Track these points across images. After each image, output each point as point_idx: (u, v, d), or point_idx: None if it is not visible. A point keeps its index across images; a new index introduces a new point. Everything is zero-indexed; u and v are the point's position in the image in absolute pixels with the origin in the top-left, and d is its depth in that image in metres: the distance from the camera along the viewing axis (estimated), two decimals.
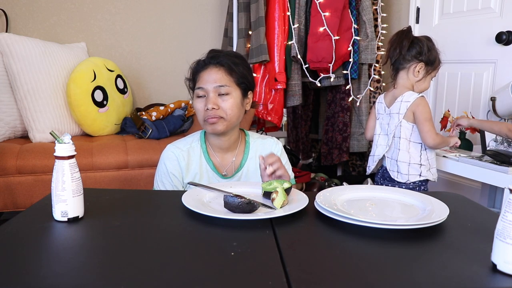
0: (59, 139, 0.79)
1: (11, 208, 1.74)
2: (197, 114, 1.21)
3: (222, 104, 1.18)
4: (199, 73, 1.21)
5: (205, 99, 1.18)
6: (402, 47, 1.57)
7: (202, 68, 1.21)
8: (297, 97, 2.24)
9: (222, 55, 1.21)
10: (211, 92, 1.17)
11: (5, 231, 0.74)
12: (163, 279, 0.58)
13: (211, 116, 1.16)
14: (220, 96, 1.18)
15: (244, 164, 1.27)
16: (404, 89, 1.61)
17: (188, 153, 1.24)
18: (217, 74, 1.18)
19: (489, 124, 1.68)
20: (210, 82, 1.18)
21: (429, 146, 1.58)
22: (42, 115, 1.98)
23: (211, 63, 1.20)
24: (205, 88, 1.18)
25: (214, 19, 2.76)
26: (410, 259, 0.67)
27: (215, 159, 1.26)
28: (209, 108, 1.16)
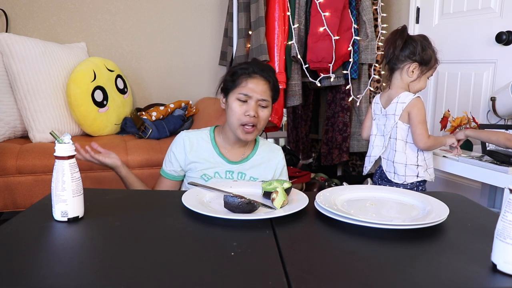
0: (59, 139, 0.79)
1: (11, 208, 1.74)
2: (233, 115, 1.27)
3: (260, 114, 1.27)
4: (245, 79, 1.27)
5: (246, 104, 1.26)
6: (396, 47, 1.56)
7: (250, 75, 1.27)
8: (297, 97, 2.24)
9: (268, 69, 1.31)
10: (253, 102, 1.26)
11: (5, 231, 0.74)
12: (163, 279, 0.58)
13: (249, 123, 1.25)
14: (259, 107, 1.27)
15: (251, 157, 1.35)
16: (399, 90, 1.61)
17: (195, 136, 1.34)
18: (263, 86, 1.27)
19: (486, 134, 1.66)
20: (256, 93, 1.26)
21: (420, 148, 1.57)
22: (42, 115, 1.98)
23: (260, 75, 1.28)
24: (251, 96, 1.25)
25: (214, 19, 2.76)
26: (410, 259, 0.67)
27: (224, 149, 1.34)
28: (250, 114, 1.24)
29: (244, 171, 1.33)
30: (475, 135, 1.69)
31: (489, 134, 1.64)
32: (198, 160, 1.31)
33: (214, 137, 1.36)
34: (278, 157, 1.40)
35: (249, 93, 1.25)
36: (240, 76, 1.28)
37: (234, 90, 1.28)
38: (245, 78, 1.28)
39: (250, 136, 1.28)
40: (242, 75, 1.28)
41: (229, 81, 1.31)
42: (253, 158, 1.35)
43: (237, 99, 1.27)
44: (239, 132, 1.27)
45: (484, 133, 1.69)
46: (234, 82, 1.29)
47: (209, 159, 1.32)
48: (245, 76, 1.28)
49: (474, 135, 1.69)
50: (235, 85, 1.29)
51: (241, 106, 1.26)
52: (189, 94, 2.70)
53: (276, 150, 1.41)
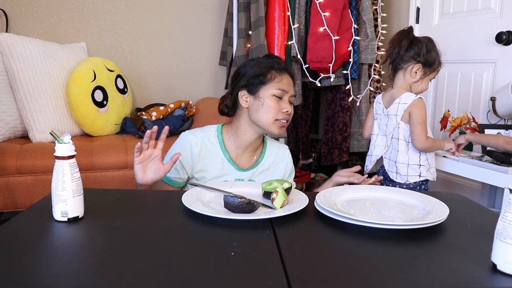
0: (59, 139, 0.79)
1: (11, 208, 1.74)
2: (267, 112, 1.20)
3: (290, 111, 1.25)
4: (279, 74, 1.23)
5: (281, 101, 1.22)
6: (401, 47, 1.57)
7: (281, 70, 1.24)
8: (297, 97, 2.24)
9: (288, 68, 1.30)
10: (287, 97, 1.24)
11: (5, 231, 0.74)
12: (163, 279, 0.58)
13: (286, 118, 1.23)
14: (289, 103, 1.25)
15: (260, 162, 1.31)
16: (401, 90, 1.61)
17: (202, 140, 1.24)
18: (291, 82, 1.26)
19: (486, 137, 1.67)
20: (291, 88, 1.25)
21: (418, 148, 1.58)
22: (42, 115, 1.98)
23: (287, 72, 1.26)
24: (288, 91, 1.23)
25: (214, 19, 2.76)
26: (410, 259, 0.67)
27: (234, 153, 1.27)
28: (288, 111, 1.22)
29: (254, 177, 1.27)
30: (475, 139, 1.70)
31: (488, 138, 1.65)
32: (206, 169, 1.22)
33: (223, 140, 1.27)
34: (286, 159, 1.36)
35: (287, 89, 1.22)
36: (271, 71, 1.22)
37: (267, 85, 1.21)
38: (278, 74, 1.22)
39: (283, 130, 1.25)
40: (273, 69, 1.23)
41: (257, 75, 1.22)
42: (262, 162, 1.31)
43: (273, 95, 1.21)
44: (273, 128, 1.22)
45: (483, 137, 1.70)
46: (265, 77, 1.22)
47: (218, 167, 1.23)
48: (277, 71, 1.23)
49: (474, 139, 1.70)
50: (268, 80, 1.21)
51: (278, 103, 1.21)
52: (189, 94, 2.70)
53: (282, 151, 1.37)
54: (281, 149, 1.37)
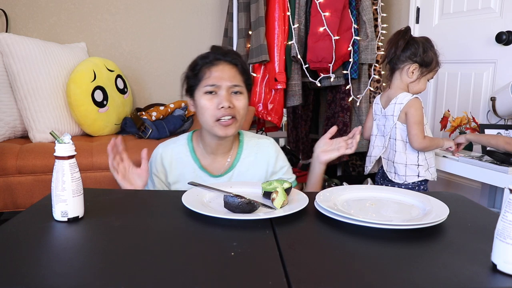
0: (59, 139, 0.79)
1: (11, 208, 1.74)
2: (204, 113, 1.11)
3: (236, 103, 1.11)
4: (208, 68, 1.12)
5: (216, 96, 1.10)
6: (398, 47, 1.57)
7: (212, 63, 1.12)
8: (297, 97, 2.24)
9: (232, 53, 1.16)
10: (224, 90, 1.10)
11: (5, 231, 0.74)
12: (163, 279, 0.58)
13: (226, 114, 1.09)
14: (232, 95, 1.12)
15: (236, 164, 1.21)
16: (398, 90, 1.61)
17: (172, 151, 1.20)
18: (230, 71, 1.12)
19: (486, 138, 1.67)
20: (224, 80, 1.10)
21: (415, 148, 1.58)
22: (42, 115, 1.98)
23: (224, 60, 1.13)
24: (219, 85, 1.10)
25: (214, 19, 2.76)
26: (410, 259, 0.67)
27: (206, 160, 1.21)
28: (224, 106, 1.08)
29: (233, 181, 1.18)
30: (476, 139, 1.70)
31: (488, 138, 1.65)
32: (179, 180, 1.18)
33: (193, 147, 1.20)
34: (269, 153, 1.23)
35: (217, 83, 1.09)
36: (202, 67, 1.12)
37: (199, 85, 1.12)
38: (207, 68, 1.11)
39: (230, 129, 1.11)
40: (204, 65, 1.12)
41: (191, 76, 1.15)
42: (238, 165, 1.20)
43: (204, 93, 1.10)
44: (216, 130, 1.10)
45: (484, 137, 1.69)
46: (196, 76, 1.13)
47: (191, 176, 1.17)
48: (207, 65, 1.12)
49: (475, 139, 1.70)
50: (199, 79, 1.12)
51: (211, 100, 1.09)
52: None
53: (264, 147, 1.23)
54: (262, 146, 1.23)
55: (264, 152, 1.24)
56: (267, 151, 1.24)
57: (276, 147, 1.26)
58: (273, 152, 1.24)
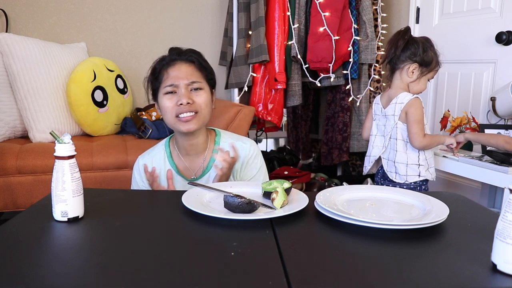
0: (59, 139, 0.79)
1: (11, 208, 1.74)
2: (166, 113, 1.13)
3: (195, 99, 1.12)
4: (166, 70, 1.14)
5: (175, 95, 1.12)
6: (397, 47, 1.57)
7: (169, 64, 1.14)
8: (297, 97, 2.24)
9: (189, 52, 1.17)
10: (182, 88, 1.11)
11: (5, 231, 0.74)
12: (163, 279, 0.58)
13: (185, 111, 1.10)
14: (192, 92, 1.12)
15: (212, 166, 1.19)
16: (399, 90, 1.61)
17: (153, 159, 1.21)
18: (187, 69, 1.13)
19: (486, 137, 1.66)
20: (181, 78, 1.11)
21: (416, 147, 1.58)
22: (42, 115, 1.98)
23: (180, 59, 1.15)
24: (176, 84, 1.11)
25: (214, 19, 2.76)
26: (410, 259, 0.67)
27: (182, 163, 1.20)
28: (183, 103, 1.09)
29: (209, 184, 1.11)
30: (475, 138, 1.69)
31: (488, 137, 1.65)
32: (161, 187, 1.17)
33: (170, 152, 1.21)
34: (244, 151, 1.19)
35: (174, 82, 1.11)
36: (161, 70, 1.14)
37: (160, 87, 1.14)
38: (165, 69, 1.13)
39: (192, 124, 1.10)
40: (162, 67, 1.14)
41: (152, 81, 1.17)
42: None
43: (164, 94, 1.12)
44: (178, 126, 1.11)
45: (483, 136, 1.69)
46: (157, 79, 1.15)
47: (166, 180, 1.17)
48: (165, 67, 1.14)
49: (474, 138, 1.69)
50: (159, 81, 1.14)
51: (171, 99, 1.11)
52: None
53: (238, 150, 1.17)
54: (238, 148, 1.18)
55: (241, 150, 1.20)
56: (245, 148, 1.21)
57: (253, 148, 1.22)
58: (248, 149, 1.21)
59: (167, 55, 1.18)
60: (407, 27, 1.61)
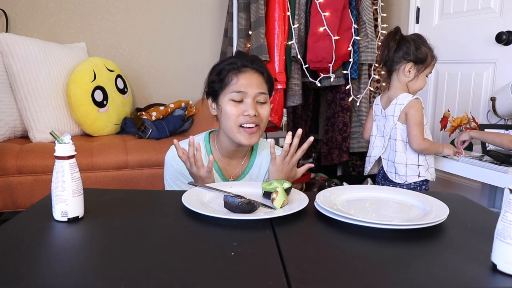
0: (59, 139, 0.79)
1: (11, 208, 1.74)
2: (229, 119, 1.11)
3: (260, 111, 1.12)
4: (235, 75, 1.12)
5: (242, 104, 1.10)
6: (390, 48, 1.57)
7: (239, 70, 1.12)
8: (297, 97, 2.24)
9: (257, 60, 1.16)
10: (250, 98, 1.10)
11: (5, 231, 0.74)
12: (163, 279, 0.58)
13: (250, 122, 1.09)
14: (258, 104, 1.12)
15: (249, 171, 1.23)
16: (398, 91, 1.61)
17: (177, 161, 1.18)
18: (257, 79, 1.12)
19: (491, 136, 1.63)
20: (252, 87, 1.10)
21: (414, 149, 1.58)
22: (42, 115, 1.98)
23: (252, 67, 1.13)
24: (246, 92, 1.10)
25: (214, 19, 2.76)
26: (410, 259, 0.67)
27: (220, 163, 1.21)
28: (250, 114, 1.08)
29: None
30: (480, 137, 1.66)
31: (493, 136, 1.62)
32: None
33: (211, 149, 1.20)
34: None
35: (244, 90, 1.09)
36: (229, 73, 1.12)
37: (225, 90, 1.12)
38: (235, 74, 1.11)
39: (254, 138, 1.11)
40: (231, 71, 1.12)
41: (217, 81, 1.14)
42: (250, 172, 1.21)
43: (230, 99, 1.10)
44: (240, 137, 1.10)
45: (488, 134, 1.66)
46: (222, 82, 1.13)
47: None
48: (235, 72, 1.12)
49: (479, 136, 1.66)
50: (225, 84, 1.12)
51: (237, 107, 1.10)
52: (189, 94, 2.70)
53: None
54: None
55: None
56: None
57: None
58: None
59: (237, 59, 1.15)
60: (396, 27, 1.60)
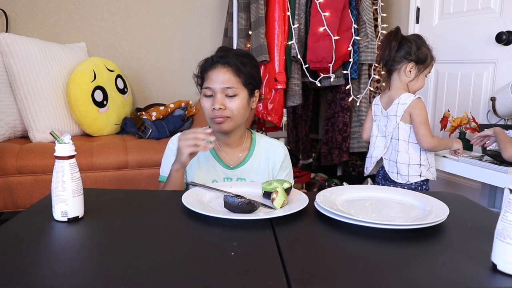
0: (59, 139, 0.79)
1: (11, 208, 1.74)
2: (204, 112, 1.23)
3: (228, 105, 1.19)
4: (207, 72, 1.22)
5: (212, 98, 1.20)
6: (391, 48, 1.57)
7: (210, 66, 1.21)
8: (297, 97, 2.24)
9: (230, 55, 1.22)
10: (218, 93, 1.19)
11: (5, 231, 0.74)
12: (163, 279, 0.58)
13: (217, 116, 1.18)
14: (227, 97, 1.19)
15: (248, 160, 1.28)
16: (399, 91, 1.61)
17: None
18: (224, 75, 1.19)
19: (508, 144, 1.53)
20: (217, 83, 1.19)
21: (425, 148, 1.58)
22: (42, 115, 1.98)
23: (220, 62, 1.21)
24: (213, 88, 1.19)
25: (214, 19, 2.76)
26: (410, 259, 0.67)
27: (220, 152, 1.28)
28: (215, 108, 1.17)
29: (243, 175, 1.26)
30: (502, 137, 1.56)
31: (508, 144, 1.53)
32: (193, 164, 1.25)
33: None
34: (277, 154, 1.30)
35: (211, 85, 1.19)
36: (205, 70, 1.23)
37: (203, 86, 1.23)
38: (206, 71, 1.22)
39: (223, 126, 1.20)
40: (206, 68, 1.22)
41: (199, 77, 1.26)
42: (250, 161, 1.28)
43: (203, 95, 1.22)
44: (213, 126, 1.22)
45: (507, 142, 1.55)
46: (201, 78, 1.24)
47: (206, 164, 1.25)
48: (207, 69, 1.22)
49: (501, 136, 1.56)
50: (202, 80, 1.24)
51: (209, 102, 1.20)
52: (189, 94, 2.70)
53: (274, 147, 1.30)
54: (272, 146, 1.31)
55: (275, 151, 1.31)
56: (278, 151, 1.31)
57: (285, 151, 1.33)
58: (282, 152, 1.31)
59: (213, 56, 1.24)
60: (397, 28, 1.61)
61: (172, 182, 1.17)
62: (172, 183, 1.17)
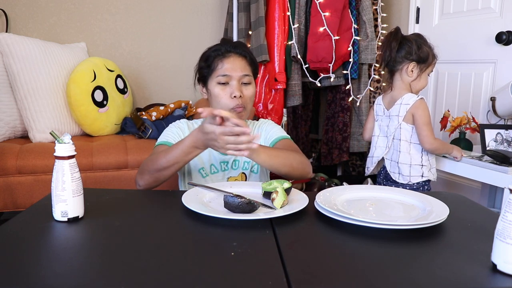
0: (59, 139, 0.79)
1: (11, 208, 1.74)
2: (219, 101, 1.21)
3: (245, 92, 1.22)
4: (221, 60, 1.22)
5: (228, 86, 1.21)
6: (392, 49, 1.57)
7: (223, 55, 1.23)
8: (297, 97, 2.24)
9: (240, 45, 1.27)
10: (235, 80, 1.20)
11: (5, 231, 0.74)
12: (163, 279, 0.58)
13: (239, 106, 1.20)
14: (243, 85, 1.22)
15: None
16: (402, 91, 1.61)
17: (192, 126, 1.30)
18: (241, 63, 1.23)
19: None
20: (236, 70, 1.21)
21: (426, 149, 1.58)
22: (42, 115, 1.98)
23: (235, 52, 1.23)
24: (231, 75, 1.20)
25: (214, 19, 2.76)
26: (410, 259, 0.67)
27: None
28: (236, 95, 1.19)
29: (238, 157, 1.26)
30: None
31: None
32: None
33: None
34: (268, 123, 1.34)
35: (229, 73, 1.20)
36: (215, 59, 1.23)
37: (212, 75, 1.23)
38: (220, 60, 1.22)
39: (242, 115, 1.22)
40: (216, 57, 1.23)
41: (204, 67, 1.26)
42: None
43: (217, 83, 1.22)
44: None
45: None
46: (210, 67, 1.24)
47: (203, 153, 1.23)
48: (220, 57, 1.23)
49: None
50: (212, 69, 1.23)
51: (224, 90, 1.21)
52: (189, 94, 2.70)
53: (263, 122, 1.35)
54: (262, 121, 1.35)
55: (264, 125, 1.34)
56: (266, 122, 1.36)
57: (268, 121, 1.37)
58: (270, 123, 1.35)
59: (221, 46, 1.25)
60: (396, 28, 1.60)
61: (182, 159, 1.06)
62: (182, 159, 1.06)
